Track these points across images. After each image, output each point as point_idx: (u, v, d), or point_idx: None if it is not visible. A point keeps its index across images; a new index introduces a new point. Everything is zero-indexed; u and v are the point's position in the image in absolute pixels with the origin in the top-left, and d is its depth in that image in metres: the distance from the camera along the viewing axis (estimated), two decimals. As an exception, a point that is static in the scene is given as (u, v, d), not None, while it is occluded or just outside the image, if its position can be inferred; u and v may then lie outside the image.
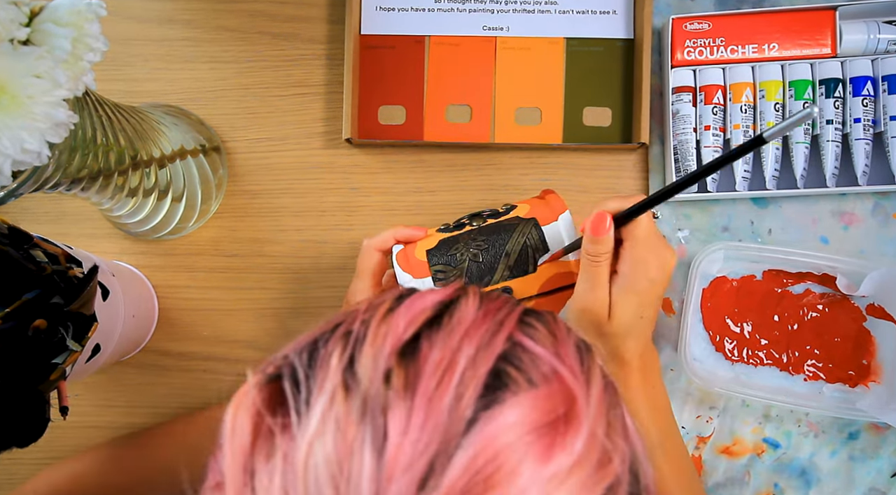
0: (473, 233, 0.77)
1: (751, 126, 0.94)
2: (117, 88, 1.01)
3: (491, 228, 0.76)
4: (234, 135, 1.01)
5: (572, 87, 0.99)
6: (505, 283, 0.75)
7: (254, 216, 1.00)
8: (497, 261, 0.75)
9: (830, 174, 0.93)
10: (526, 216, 0.76)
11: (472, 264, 0.75)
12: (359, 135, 0.99)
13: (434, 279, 0.76)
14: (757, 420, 0.95)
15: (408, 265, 0.77)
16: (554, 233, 0.75)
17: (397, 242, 0.81)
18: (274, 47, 1.01)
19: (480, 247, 0.75)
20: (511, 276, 0.75)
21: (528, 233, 0.75)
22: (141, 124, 0.83)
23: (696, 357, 0.95)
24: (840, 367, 0.93)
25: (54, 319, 0.69)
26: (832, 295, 0.94)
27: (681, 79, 0.95)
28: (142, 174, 0.84)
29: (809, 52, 0.94)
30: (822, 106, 0.93)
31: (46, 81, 0.58)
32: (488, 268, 0.75)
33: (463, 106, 1.00)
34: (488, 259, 0.75)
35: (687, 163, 0.94)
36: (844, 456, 0.94)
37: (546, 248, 0.74)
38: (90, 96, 0.73)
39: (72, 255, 0.75)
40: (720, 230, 0.97)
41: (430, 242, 0.78)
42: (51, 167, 0.67)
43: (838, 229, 0.96)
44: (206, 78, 1.01)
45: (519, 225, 0.75)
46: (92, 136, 0.72)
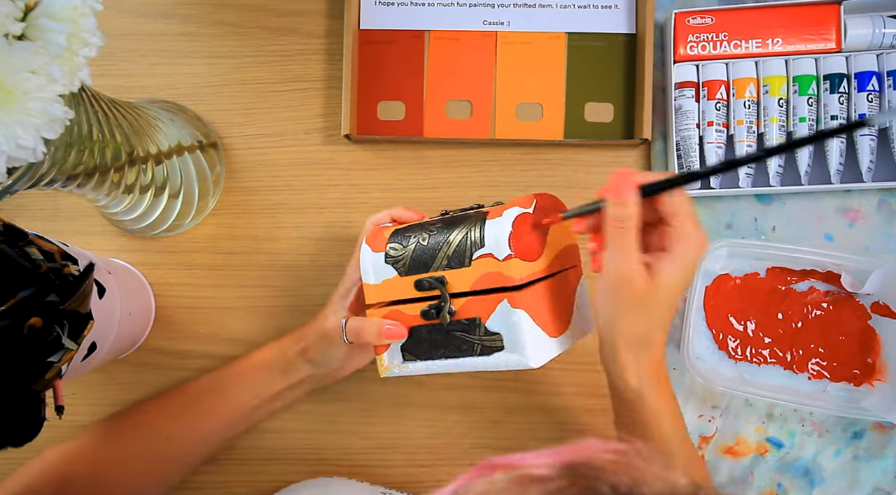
0: (438, 220, 0.78)
1: (754, 121, 0.94)
2: (113, 84, 1.01)
3: (452, 218, 0.77)
4: (232, 131, 1.01)
5: (574, 83, 0.99)
6: (441, 272, 0.75)
7: (252, 213, 1.00)
8: (438, 249, 0.75)
9: (835, 170, 0.93)
10: (485, 211, 0.75)
11: (418, 248, 0.76)
12: (358, 130, 0.99)
13: (385, 255, 0.78)
14: (760, 419, 0.95)
15: (374, 239, 0.80)
16: (495, 228, 0.72)
17: (391, 220, 0.83)
18: (272, 42, 1.01)
19: (431, 233, 0.76)
20: (447, 267, 0.74)
21: (472, 226, 0.74)
22: (137, 120, 0.83)
23: (698, 355, 0.95)
24: (845, 366, 0.93)
25: (50, 317, 0.69)
26: (837, 292, 0.94)
27: (683, 74, 0.95)
28: (138, 170, 0.84)
29: (814, 46, 0.94)
30: (826, 101, 0.93)
31: (42, 77, 0.58)
32: (430, 255, 0.75)
33: (463, 101, 1.00)
34: (431, 245, 0.75)
35: (690, 160, 0.94)
36: (849, 455, 0.94)
37: (482, 244, 0.72)
38: (86, 92, 0.73)
39: (67, 253, 0.75)
40: (724, 227, 0.97)
41: (405, 225, 0.80)
42: (46, 163, 0.67)
43: (843, 226, 0.96)
44: (203, 73, 1.01)
45: (472, 218, 0.75)
46: (88, 132, 0.72)
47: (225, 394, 0.91)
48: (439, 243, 0.75)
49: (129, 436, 0.91)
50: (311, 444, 0.98)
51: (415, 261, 0.76)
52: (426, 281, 0.76)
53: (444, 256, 0.74)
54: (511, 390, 0.97)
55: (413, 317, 0.78)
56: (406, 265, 0.77)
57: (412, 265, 0.76)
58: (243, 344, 0.99)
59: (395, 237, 0.78)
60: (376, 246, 0.79)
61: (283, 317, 0.99)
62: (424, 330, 0.78)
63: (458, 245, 0.74)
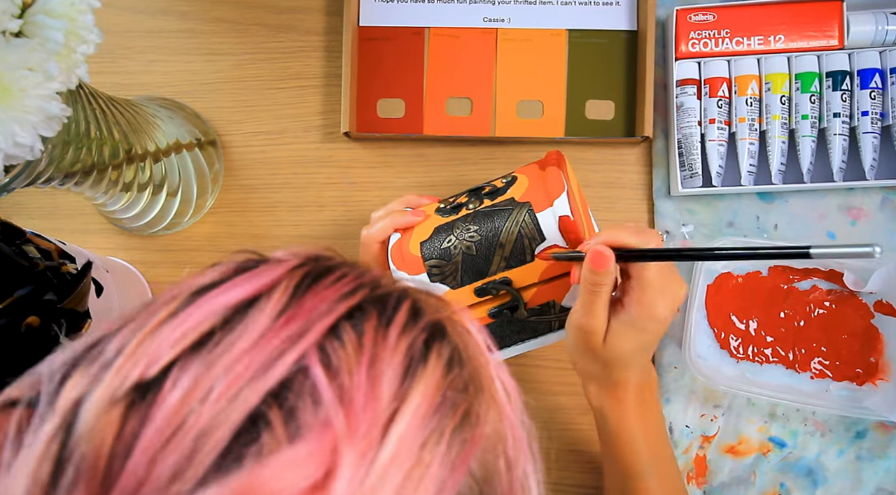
0: (468, 219, 0.75)
1: (756, 119, 0.94)
2: (111, 81, 1.01)
3: (484, 215, 0.74)
4: (231, 128, 1.01)
5: (575, 80, 0.99)
6: (503, 274, 0.73)
7: (250, 211, 1.00)
8: (492, 253, 0.73)
9: (838, 168, 0.93)
10: (521, 199, 0.74)
11: (465, 257, 0.74)
12: (357, 128, 0.99)
13: (429, 275, 0.75)
14: (762, 419, 0.95)
15: (402, 261, 0.76)
16: (549, 219, 0.72)
17: (396, 230, 0.79)
18: (271, 39, 1.01)
19: (473, 238, 0.73)
20: (508, 267, 0.73)
21: (523, 221, 0.72)
22: (135, 118, 0.83)
23: (700, 354, 0.95)
24: (847, 365, 0.93)
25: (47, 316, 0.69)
26: (839, 291, 0.94)
27: (685, 71, 0.95)
28: (136, 168, 0.84)
29: (816, 43, 0.94)
30: (829, 99, 0.93)
31: (39, 74, 0.58)
32: (483, 261, 0.73)
33: (463, 99, 1.00)
34: (482, 251, 0.73)
35: (691, 158, 0.94)
36: (852, 455, 0.94)
37: (542, 237, 0.72)
38: (84, 89, 0.73)
39: (65, 251, 0.75)
40: (725, 225, 0.97)
41: (425, 232, 0.76)
42: (44, 161, 0.67)
43: (846, 224, 0.96)
44: (201, 70, 1.01)
45: (513, 211, 0.73)
46: (85, 130, 0.72)
47: None
48: (491, 247, 0.73)
49: None
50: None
51: (467, 272, 0.74)
52: (489, 287, 0.74)
53: (500, 258, 0.73)
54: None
55: (478, 320, 0.75)
56: (458, 278, 0.75)
57: (465, 276, 0.74)
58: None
59: (427, 251, 0.75)
60: (411, 267, 0.75)
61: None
62: (493, 326, 0.77)
63: (514, 244, 0.73)
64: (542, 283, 0.74)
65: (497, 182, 0.78)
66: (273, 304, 0.38)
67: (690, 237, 0.96)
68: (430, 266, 0.75)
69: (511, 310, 0.75)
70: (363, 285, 0.42)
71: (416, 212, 0.79)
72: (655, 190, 0.97)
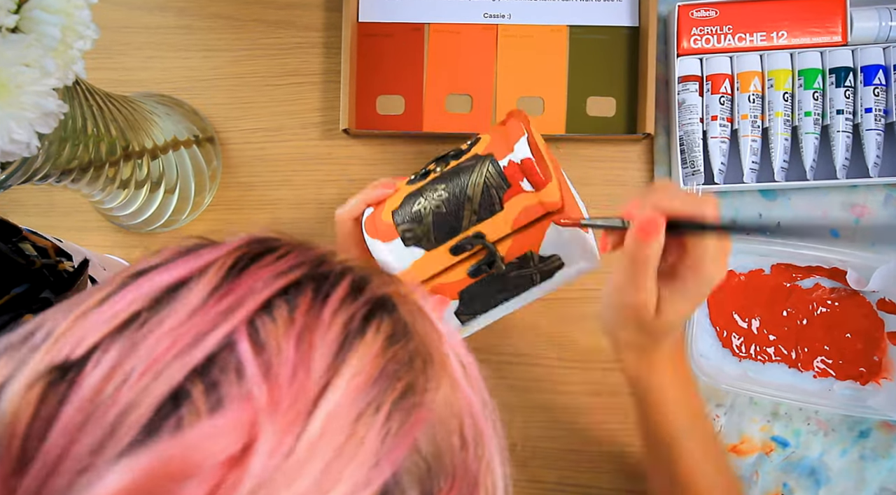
0: (436, 182, 0.74)
1: (759, 116, 0.94)
2: (108, 77, 1.01)
3: (451, 173, 0.74)
4: (229, 125, 1.01)
5: (576, 76, 0.99)
6: (475, 229, 0.72)
7: (249, 209, 1.00)
8: (461, 208, 0.72)
9: (841, 165, 0.93)
10: (483, 152, 0.73)
11: (436, 216, 0.73)
12: (356, 125, 0.99)
13: (403, 240, 0.74)
14: (765, 418, 0.95)
15: (375, 230, 0.75)
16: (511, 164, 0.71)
17: (368, 205, 0.79)
18: (269, 35, 1.01)
19: (442, 197, 0.73)
20: (479, 220, 0.72)
21: (486, 172, 0.71)
22: (133, 114, 0.83)
23: (702, 353, 0.95)
24: (850, 364, 0.93)
25: (44, 315, 0.69)
26: (842, 289, 0.94)
27: (687, 67, 0.95)
28: (133, 165, 0.84)
29: (819, 39, 0.94)
30: (832, 95, 0.93)
31: (35, 70, 0.58)
32: (454, 217, 0.72)
33: (463, 95, 1.00)
34: (451, 208, 0.72)
35: (693, 155, 0.94)
36: (855, 455, 0.94)
37: (507, 183, 0.71)
38: (80, 85, 0.73)
39: (62, 249, 0.75)
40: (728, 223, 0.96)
41: (396, 201, 0.76)
42: (40, 158, 0.67)
43: (849, 222, 0.96)
44: (199, 67, 1.01)
45: (476, 165, 0.72)
46: (82, 126, 0.72)
47: None
48: (459, 202, 0.72)
49: None
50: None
51: (440, 231, 0.73)
52: (463, 243, 0.73)
53: (470, 212, 0.72)
54: (514, 388, 0.97)
55: (458, 282, 0.76)
56: (431, 238, 0.74)
57: (438, 235, 0.73)
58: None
59: (399, 217, 0.74)
60: (384, 234, 0.75)
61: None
62: (474, 286, 0.76)
63: (481, 195, 0.72)
64: (516, 233, 0.73)
65: (462, 145, 0.78)
66: (205, 284, 0.38)
67: (692, 235, 0.96)
68: (402, 230, 0.74)
69: (489, 264, 0.74)
70: (304, 263, 0.41)
71: (386, 185, 0.79)
72: (657, 187, 0.97)
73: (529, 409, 0.97)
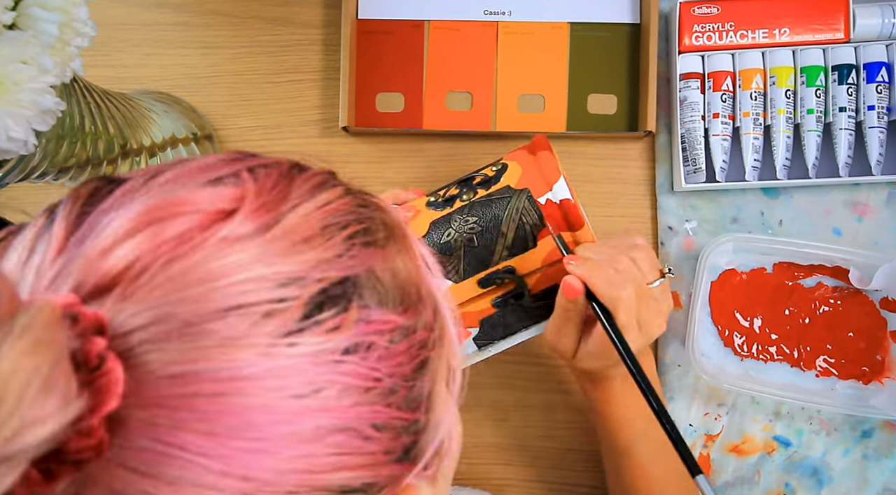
0: (464, 211, 0.75)
1: (761, 113, 0.94)
2: (106, 74, 1.01)
3: (482, 204, 0.75)
4: (227, 123, 1.01)
5: (576, 74, 0.99)
6: (506, 263, 0.74)
7: (247, 207, 1.00)
8: (494, 242, 0.73)
9: (843, 163, 0.93)
10: (517, 186, 0.74)
11: (467, 249, 0.74)
12: (356, 123, 0.99)
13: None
14: (767, 417, 0.95)
15: None
16: (550, 204, 0.74)
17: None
18: (268, 32, 1.01)
19: (474, 229, 0.73)
20: (511, 255, 0.74)
21: (523, 208, 0.73)
22: (130, 112, 0.83)
23: (704, 352, 0.95)
24: (853, 363, 0.93)
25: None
26: (845, 288, 0.94)
27: (689, 65, 0.95)
28: (131, 163, 0.84)
29: (822, 36, 0.94)
30: (835, 93, 0.93)
31: (33, 67, 0.58)
32: (486, 251, 0.74)
33: (463, 93, 1.00)
34: (484, 242, 0.74)
35: (695, 152, 0.94)
36: (858, 454, 0.94)
37: (543, 223, 0.74)
38: (78, 83, 0.73)
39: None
40: (729, 221, 0.97)
41: (420, 228, 0.76)
42: (37, 156, 0.67)
43: (851, 220, 0.96)
44: (197, 64, 1.01)
45: (512, 198, 0.74)
46: (80, 124, 0.72)
47: None
48: (492, 236, 0.74)
49: None
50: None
51: (470, 263, 0.75)
52: (493, 277, 0.75)
53: (503, 248, 0.74)
54: (514, 388, 0.97)
55: (481, 311, 0.77)
56: (460, 271, 0.75)
57: (468, 268, 0.75)
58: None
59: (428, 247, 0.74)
60: None
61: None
62: (496, 316, 0.78)
63: (515, 232, 0.73)
64: (546, 267, 0.75)
65: (487, 171, 0.78)
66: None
67: (694, 233, 0.96)
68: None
69: (516, 297, 0.76)
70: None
71: (405, 208, 0.78)
72: (658, 185, 0.97)
73: (529, 409, 0.97)
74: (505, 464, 0.97)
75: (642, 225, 0.98)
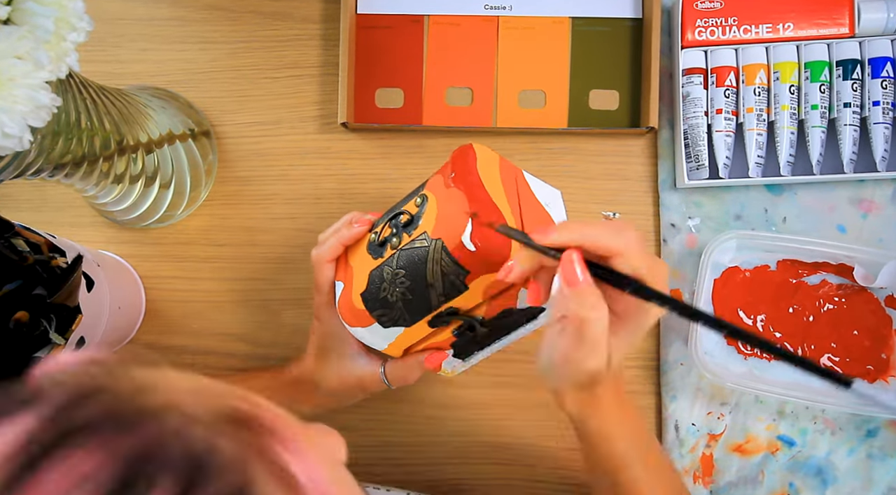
0: (393, 261, 0.73)
1: (765, 109, 0.94)
2: (102, 70, 1.01)
3: (407, 256, 0.72)
4: (225, 119, 1.01)
5: (578, 69, 0.99)
6: (447, 305, 0.73)
7: (245, 204, 1.00)
8: (426, 292, 0.72)
9: (848, 159, 0.93)
10: (433, 234, 0.71)
11: (405, 302, 0.73)
12: (355, 119, 0.99)
13: (380, 323, 0.76)
14: (771, 416, 0.95)
15: (352, 318, 0.77)
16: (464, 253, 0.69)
17: (344, 247, 0.79)
18: (266, 27, 1.01)
19: (405, 284, 0.72)
20: (447, 299, 0.72)
21: (442, 260, 0.70)
22: (127, 107, 0.83)
23: (707, 351, 0.95)
24: (858, 362, 0.93)
25: (36, 311, 0.69)
26: (850, 286, 0.94)
27: (691, 60, 0.95)
28: (128, 160, 0.84)
29: (826, 31, 0.94)
30: (839, 88, 0.93)
31: (28, 63, 0.58)
32: (423, 300, 0.73)
33: (464, 88, 1.00)
34: (417, 294, 0.72)
35: (698, 149, 0.94)
36: (862, 454, 0.94)
37: (464, 270, 0.69)
38: (74, 78, 0.73)
39: (55, 244, 0.75)
40: (732, 218, 0.96)
41: (361, 281, 0.76)
42: (33, 152, 0.67)
43: (856, 217, 0.96)
44: (195, 59, 1.01)
45: (430, 249, 0.70)
46: (76, 120, 0.72)
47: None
48: (423, 288, 0.72)
49: None
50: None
51: (412, 312, 0.74)
52: (438, 319, 0.75)
53: (437, 295, 0.72)
54: (514, 387, 0.97)
55: (447, 340, 0.78)
56: (407, 319, 0.75)
57: (412, 316, 0.74)
58: (237, 339, 0.99)
59: (371, 303, 0.75)
60: (361, 320, 0.76)
61: (278, 311, 0.99)
62: (461, 341, 0.79)
63: (442, 282, 0.71)
64: (491, 299, 0.73)
65: (411, 205, 0.76)
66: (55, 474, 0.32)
67: (697, 230, 0.96)
68: (377, 316, 0.75)
69: (470, 329, 0.76)
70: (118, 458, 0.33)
71: (361, 222, 0.78)
72: (661, 182, 0.97)
73: (529, 408, 0.97)
74: (505, 464, 0.97)
75: (644, 222, 0.98)
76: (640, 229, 0.97)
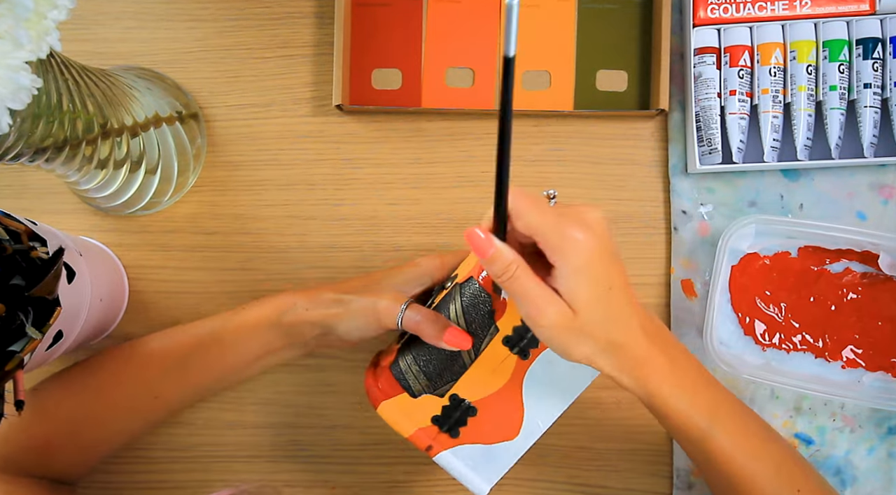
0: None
1: (780, 90, 0.93)
2: (85, 49, 1.00)
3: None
4: (214, 100, 1.00)
5: (584, 49, 0.99)
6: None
7: (235, 190, 0.99)
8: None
9: (868, 143, 0.93)
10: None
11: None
12: (350, 101, 0.99)
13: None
14: (787, 413, 0.95)
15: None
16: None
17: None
18: (258, 4, 1.01)
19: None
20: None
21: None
22: (111, 89, 0.83)
23: (722, 341, 0.95)
24: (882, 354, 0.93)
25: (13, 303, 0.68)
26: (874, 274, 0.94)
27: (704, 39, 0.95)
28: (112, 143, 0.83)
29: (845, 8, 0.93)
30: (859, 68, 0.93)
31: (7, 42, 0.58)
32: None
33: (464, 69, 0.99)
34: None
35: (710, 132, 0.93)
36: (883, 453, 0.94)
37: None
38: (55, 58, 0.72)
39: (35, 233, 0.74)
40: (747, 205, 0.96)
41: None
42: (12, 136, 0.66)
43: (877, 203, 0.95)
44: (182, 38, 1.01)
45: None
46: (57, 102, 0.71)
47: (223, 351, 0.90)
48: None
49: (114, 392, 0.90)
50: (299, 440, 0.97)
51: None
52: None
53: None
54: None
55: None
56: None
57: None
58: (227, 332, 0.98)
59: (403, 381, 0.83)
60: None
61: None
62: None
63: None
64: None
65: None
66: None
67: (710, 218, 0.96)
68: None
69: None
70: None
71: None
72: (671, 167, 0.97)
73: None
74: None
75: (654, 209, 0.98)
76: (650, 216, 0.97)
